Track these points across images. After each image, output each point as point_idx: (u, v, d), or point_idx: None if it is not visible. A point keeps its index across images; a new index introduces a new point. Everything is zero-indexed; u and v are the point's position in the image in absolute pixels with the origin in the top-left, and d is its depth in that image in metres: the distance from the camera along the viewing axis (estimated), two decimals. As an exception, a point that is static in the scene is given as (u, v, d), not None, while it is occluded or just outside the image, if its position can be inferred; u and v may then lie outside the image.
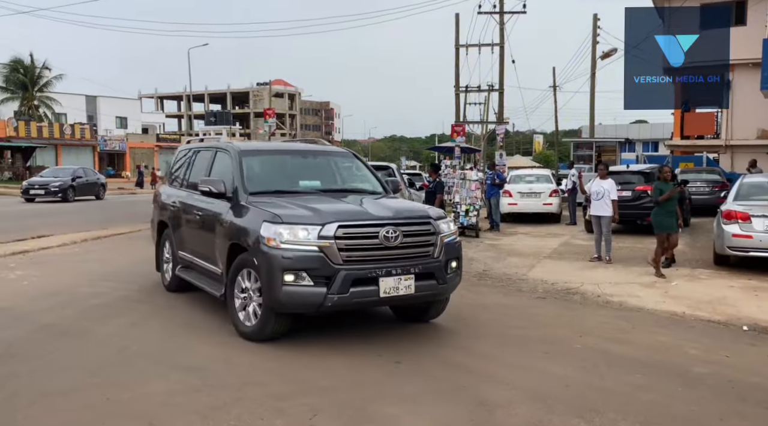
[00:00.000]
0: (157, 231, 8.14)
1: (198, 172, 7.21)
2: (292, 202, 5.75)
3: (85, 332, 6.04)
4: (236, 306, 5.78)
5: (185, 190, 7.44)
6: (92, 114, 57.72)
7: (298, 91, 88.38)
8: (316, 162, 7.28)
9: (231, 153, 6.67)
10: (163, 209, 7.87)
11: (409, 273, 5.38)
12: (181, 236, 7.33)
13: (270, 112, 28.29)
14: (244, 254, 5.63)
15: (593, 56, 30.38)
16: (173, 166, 8.30)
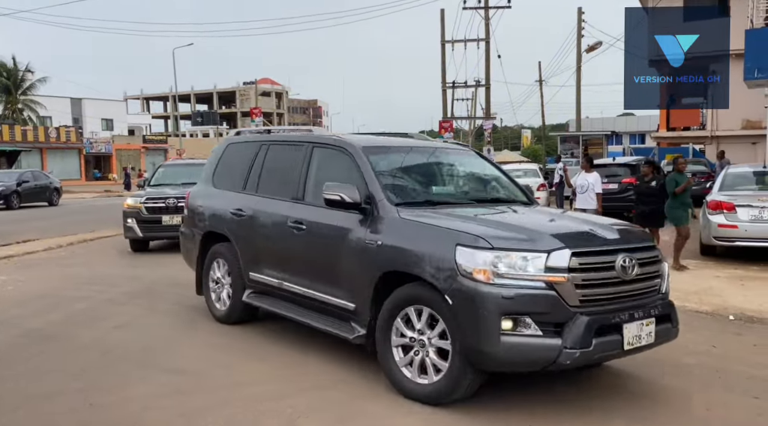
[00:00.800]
0: (200, 245, 6.51)
1: (280, 174, 5.75)
2: (467, 217, 4.56)
3: (71, 336, 5.98)
4: (398, 358, 4.34)
5: (259, 196, 5.83)
6: (77, 116, 57.32)
7: (285, 89, 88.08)
8: (448, 161, 5.86)
9: (350, 150, 5.10)
10: (216, 218, 6.31)
11: (650, 316, 4.15)
12: (256, 253, 5.74)
13: (256, 111, 28.25)
14: (414, 288, 4.22)
15: (578, 50, 30.49)
16: (215, 165, 6.72)
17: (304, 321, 5.20)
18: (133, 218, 11.33)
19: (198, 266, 6.59)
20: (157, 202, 11.37)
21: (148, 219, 11.30)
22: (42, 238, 13.90)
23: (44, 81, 48.93)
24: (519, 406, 4.17)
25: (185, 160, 19.03)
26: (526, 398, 4.31)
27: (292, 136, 6.27)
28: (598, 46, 29.83)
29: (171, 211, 11.20)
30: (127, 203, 11.68)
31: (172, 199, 11.27)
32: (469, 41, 30.06)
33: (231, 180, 6.31)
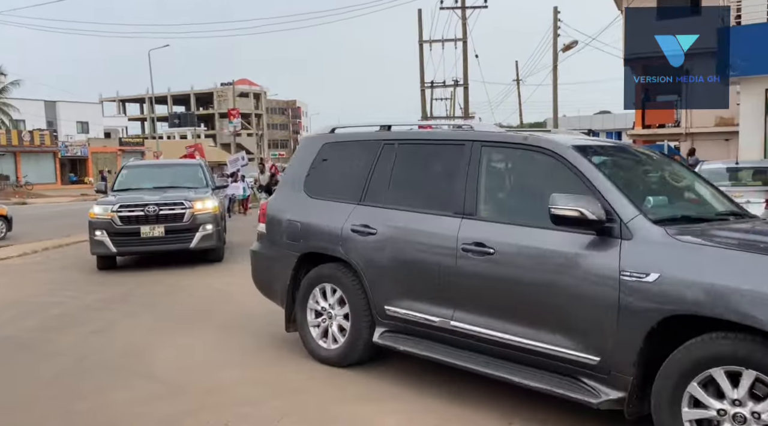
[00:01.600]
0: (294, 268, 5.13)
1: (426, 181, 4.61)
2: (757, 239, 3.66)
3: (45, 342, 5.89)
4: None
5: (393, 209, 4.59)
6: (52, 119, 56.43)
7: (263, 90, 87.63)
8: (657, 165, 4.78)
9: (558, 151, 3.93)
10: (322, 236, 4.96)
11: None
12: (398, 281, 4.46)
13: (234, 112, 28.13)
14: (722, 342, 3.07)
15: (555, 49, 30.72)
16: (306, 169, 5.31)
17: (498, 375, 3.91)
18: (102, 230, 9.50)
19: (289, 295, 5.18)
20: (134, 210, 9.61)
21: (122, 231, 9.52)
22: (16, 243, 13.68)
23: (17, 84, 48.07)
24: (516, 402, 4.19)
25: (153, 161, 17.58)
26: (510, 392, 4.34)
27: (438, 133, 5.03)
28: (574, 45, 30.09)
29: (152, 220, 9.61)
30: (93, 212, 9.72)
31: (152, 206, 9.62)
32: (447, 41, 30.17)
33: (338, 188, 5.03)
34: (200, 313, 6.97)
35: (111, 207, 9.68)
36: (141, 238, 9.63)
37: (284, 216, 5.29)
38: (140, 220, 9.62)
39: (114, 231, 9.54)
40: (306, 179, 5.27)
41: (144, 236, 9.63)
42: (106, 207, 9.74)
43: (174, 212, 9.76)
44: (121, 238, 9.58)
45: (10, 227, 15.48)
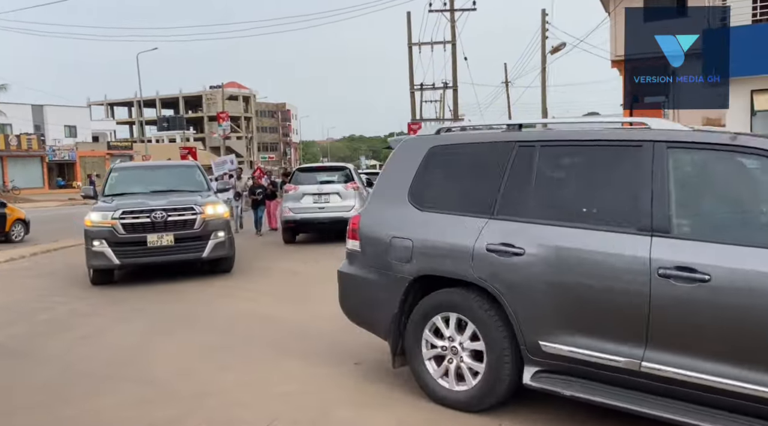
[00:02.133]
0: (404, 294, 4.28)
1: (584, 190, 3.85)
2: None
3: (34, 349, 5.84)
4: None
5: (543, 223, 3.78)
6: (39, 123, 55.98)
7: (252, 93, 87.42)
8: None
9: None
10: (445, 255, 4.13)
11: None
12: (561, 311, 3.64)
13: (223, 115, 27.99)
14: None
15: (543, 51, 30.86)
16: (411, 176, 4.47)
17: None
18: (101, 240, 8.48)
19: (397, 326, 4.35)
20: (139, 216, 8.61)
21: (126, 240, 8.53)
22: (3, 249, 13.56)
23: (4, 88, 47.60)
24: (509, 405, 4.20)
25: (145, 163, 16.27)
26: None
27: (598, 133, 3.99)
28: (562, 47, 30.23)
29: (159, 228, 8.64)
30: (90, 220, 8.70)
31: (159, 212, 8.63)
32: (436, 44, 30.23)
33: (457, 198, 4.29)
34: (189, 316, 6.94)
35: (112, 214, 8.61)
36: (147, 247, 8.61)
37: (387, 232, 4.43)
38: (146, 227, 8.63)
39: (116, 241, 8.52)
40: (411, 189, 4.45)
41: (151, 246, 8.62)
42: (106, 214, 8.65)
43: (184, 218, 8.80)
44: (124, 248, 8.56)
45: (28, 230, 15.93)
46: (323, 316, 6.75)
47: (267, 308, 7.31)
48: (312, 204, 13.01)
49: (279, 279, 9.25)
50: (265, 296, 8.03)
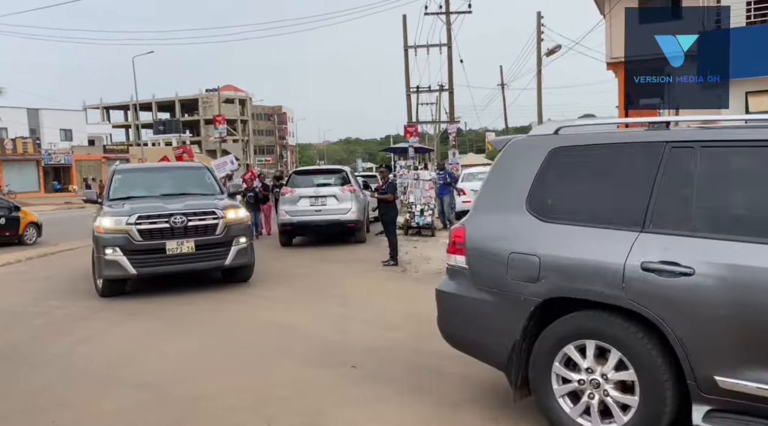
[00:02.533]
0: (527, 319, 3.71)
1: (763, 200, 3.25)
2: None
3: (31, 353, 5.83)
4: None
5: (714, 238, 3.21)
6: (35, 127, 55.86)
7: (248, 96, 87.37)
8: None
9: None
10: (582, 275, 3.52)
11: None
12: (747, 342, 3.10)
13: (219, 118, 27.96)
14: None
15: (538, 53, 30.95)
16: (529, 182, 3.88)
17: None
18: (116, 247, 7.78)
19: (520, 354, 3.78)
20: (157, 221, 7.93)
21: (143, 247, 7.86)
22: (12, 251, 13.54)
23: (0, 92, 47.59)
24: (503, 400, 4.21)
25: (151, 164, 14.54)
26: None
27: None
28: (557, 50, 30.34)
29: (179, 233, 7.97)
30: (101, 226, 7.96)
31: (179, 217, 7.98)
32: (432, 46, 30.27)
33: (592, 208, 3.70)
34: (186, 320, 6.94)
35: (126, 219, 7.91)
36: (166, 255, 7.92)
37: (504, 246, 3.86)
38: (165, 233, 7.94)
39: (133, 248, 7.84)
40: (529, 196, 3.86)
41: (170, 253, 7.92)
42: (120, 219, 7.93)
43: (205, 223, 8.15)
44: (141, 256, 7.87)
45: (41, 233, 16.19)
46: (320, 319, 6.78)
47: (264, 311, 7.32)
48: (309, 207, 13.01)
49: (275, 282, 9.25)
50: (261, 300, 8.04)
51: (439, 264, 10.43)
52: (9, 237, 15.17)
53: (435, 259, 10.94)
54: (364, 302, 7.61)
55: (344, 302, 7.62)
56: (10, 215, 15.27)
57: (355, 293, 8.23)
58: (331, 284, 8.91)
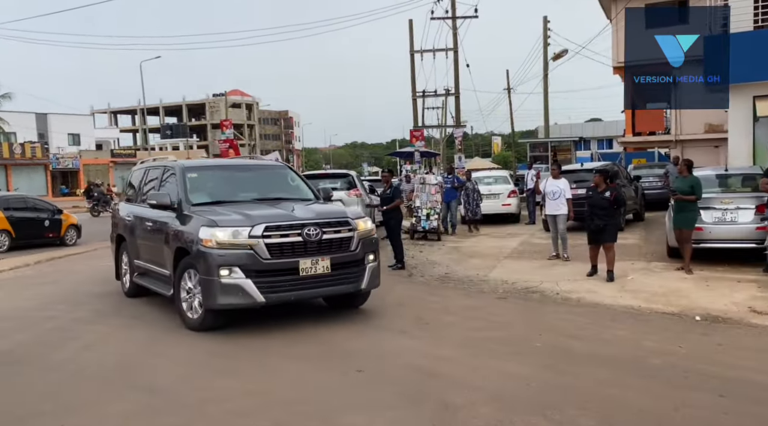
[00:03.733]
0: None
1: None
2: None
3: (40, 357, 5.86)
4: None
5: None
6: (43, 132, 56.21)
7: (255, 101, 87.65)
8: None
9: None
10: None
11: None
12: None
13: (227, 123, 27.86)
14: None
15: (545, 58, 30.95)
16: None
17: None
18: (235, 267, 6.09)
19: None
20: (289, 233, 6.26)
21: (272, 267, 6.17)
22: (7, 257, 13.62)
23: (8, 97, 47.87)
24: (509, 399, 4.21)
25: (226, 161, 10.38)
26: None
27: None
28: (564, 54, 30.35)
29: (312, 249, 6.36)
30: (212, 238, 6.19)
31: (312, 228, 6.34)
32: (438, 51, 30.33)
33: None
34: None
35: (249, 230, 6.19)
36: (300, 277, 6.30)
37: None
38: (297, 249, 6.31)
39: (260, 268, 6.15)
40: None
41: (304, 274, 6.30)
42: (239, 230, 6.20)
43: (340, 236, 6.61)
44: (270, 279, 6.19)
45: (80, 234, 17.19)
46: (327, 323, 6.78)
47: (270, 314, 7.33)
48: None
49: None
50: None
51: (445, 269, 10.43)
52: (52, 238, 16.26)
53: (441, 264, 10.94)
54: (370, 306, 7.61)
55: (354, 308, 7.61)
56: (54, 218, 16.43)
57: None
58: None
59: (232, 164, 9.17)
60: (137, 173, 9.04)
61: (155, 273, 7.58)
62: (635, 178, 17.16)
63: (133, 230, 8.25)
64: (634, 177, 17.26)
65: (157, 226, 7.37)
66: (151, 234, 7.60)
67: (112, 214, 9.34)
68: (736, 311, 6.97)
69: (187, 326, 6.58)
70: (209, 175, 8.10)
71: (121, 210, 9.03)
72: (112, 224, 9.38)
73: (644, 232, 14.13)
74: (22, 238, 15.47)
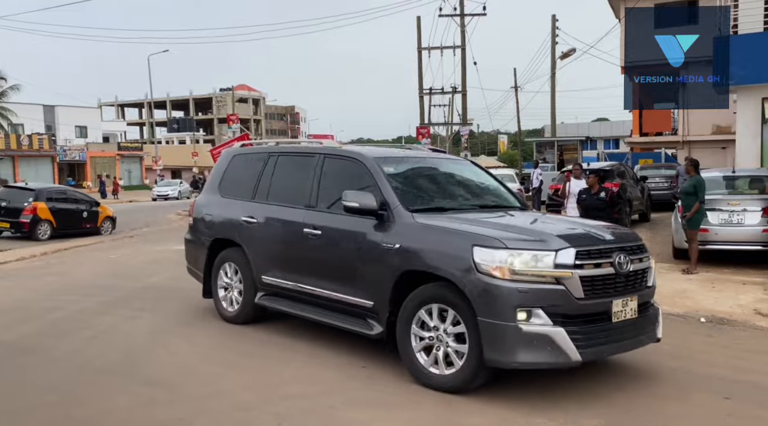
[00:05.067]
0: None
1: None
2: None
3: (46, 348, 5.89)
4: None
5: None
6: (50, 124, 56.48)
7: (262, 96, 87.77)
8: None
9: None
10: None
11: None
12: None
13: (233, 117, 28.06)
14: None
15: (553, 57, 30.86)
16: None
17: None
18: (536, 309, 4.27)
19: None
20: (600, 261, 4.51)
21: (585, 310, 4.40)
22: (14, 248, 13.69)
23: (16, 89, 48.07)
24: (513, 398, 4.22)
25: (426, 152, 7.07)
26: (523, 391, 4.37)
27: None
28: (572, 53, 30.23)
29: (620, 285, 4.64)
30: (508, 265, 4.32)
31: (621, 255, 4.62)
32: (445, 48, 30.31)
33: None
34: (199, 316, 6.98)
35: (553, 255, 4.38)
36: (612, 324, 4.54)
37: None
38: (608, 284, 4.57)
39: (572, 312, 4.36)
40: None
41: (616, 320, 4.56)
42: (537, 255, 4.39)
43: (643, 266, 4.87)
44: (583, 327, 4.40)
45: (115, 225, 18.36)
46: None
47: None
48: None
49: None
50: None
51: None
52: (89, 228, 17.36)
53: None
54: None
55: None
56: (91, 209, 17.64)
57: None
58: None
59: (425, 156, 6.65)
60: (248, 161, 6.86)
61: (324, 299, 5.60)
62: (641, 179, 17.12)
63: (263, 236, 6.19)
64: (640, 177, 17.23)
65: (340, 237, 5.48)
66: (324, 246, 5.61)
67: (193, 211, 7.32)
68: (742, 313, 6.96)
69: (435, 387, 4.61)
70: (410, 171, 6.02)
71: (216, 207, 6.86)
72: (197, 225, 7.12)
73: (650, 232, 14.10)
74: (62, 228, 16.50)
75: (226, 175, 6.94)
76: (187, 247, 7.26)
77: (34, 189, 17.07)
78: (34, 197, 16.13)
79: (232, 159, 7.03)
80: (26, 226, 15.78)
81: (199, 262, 6.90)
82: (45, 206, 16.12)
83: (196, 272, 7.04)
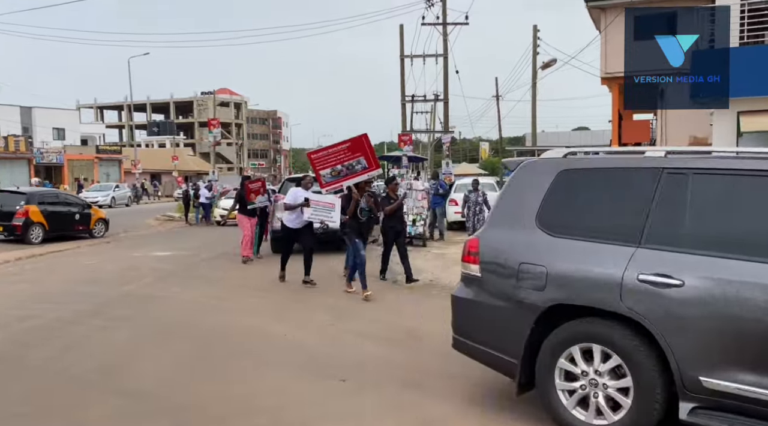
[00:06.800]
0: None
1: None
2: None
3: (17, 357, 5.78)
4: None
5: None
6: (27, 125, 55.59)
7: (244, 100, 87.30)
8: None
9: None
10: None
11: None
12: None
13: (214, 122, 27.88)
14: None
15: (534, 67, 31.12)
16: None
17: None
18: None
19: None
20: None
21: None
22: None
23: (-4, 89, 47.36)
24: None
25: None
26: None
27: None
28: (553, 63, 30.49)
29: None
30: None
31: None
32: (428, 56, 30.41)
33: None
34: (176, 327, 6.91)
35: None
36: None
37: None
38: None
39: None
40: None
41: None
42: None
43: None
44: None
45: (108, 227, 18.27)
46: (311, 330, 6.76)
47: (255, 321, 7.30)
48: (302, 214, 12.82)
49: (268, 291, 9.23)
50: (253, 308, 8.01)
51: (431, 275, 10.43)
52: (82, 231, 17.36)
53: (426, 271, 10.94)
54: (355, 313, 7.60)
55: (335, 313, 7.60)
56: (83, 212, 17.56)
57: (346, 304, 8.21)
58: (324, 293, 8.90)
59: None
60: (609, 180, 4.21)
61: None
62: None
63: (704, 311, 3.58)
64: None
65: None
66: None
67: (478, 253, 4.48)
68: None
69: None
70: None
71: (546, 251, 4.15)
72: (495, 279, 4.37)
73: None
74: (54, 231, 16.43)
75: (551, 201, 4.23)
76: (469, 311, 4.51)
77: (26, 192, 17.14)
78: (25, 200, 16.09)
79: (560, 175, 4.26)
80: (18, 229, 15.70)
81: (504, 338, 4.26)
82: (37, 209, 16.08)
83: (490, 353, 4.35)
